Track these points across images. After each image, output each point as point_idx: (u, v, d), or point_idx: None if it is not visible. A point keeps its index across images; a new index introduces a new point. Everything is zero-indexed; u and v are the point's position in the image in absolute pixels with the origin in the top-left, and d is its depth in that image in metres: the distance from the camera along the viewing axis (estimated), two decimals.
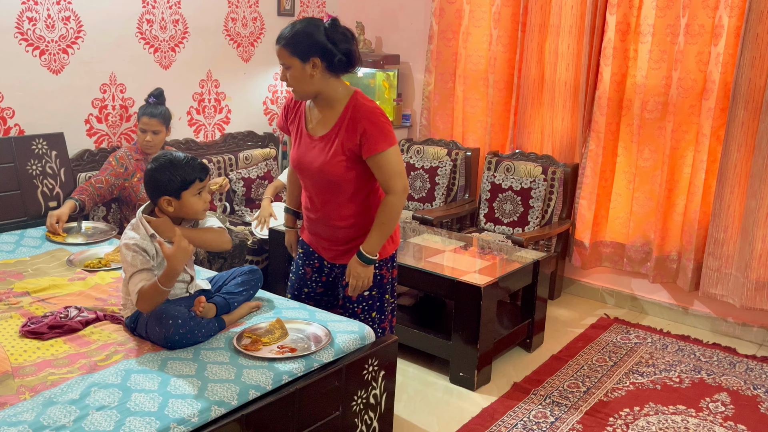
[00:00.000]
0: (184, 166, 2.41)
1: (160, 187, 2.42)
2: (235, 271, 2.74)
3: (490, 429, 2.91)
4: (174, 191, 2.41)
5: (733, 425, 3.01)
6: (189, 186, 2.41)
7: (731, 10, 3.61)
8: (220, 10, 4.53)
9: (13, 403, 1.99)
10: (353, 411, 2.45)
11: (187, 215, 2.48)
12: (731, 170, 3.70)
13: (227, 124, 4.75)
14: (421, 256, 3.48)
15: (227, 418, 2.03)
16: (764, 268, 3.64)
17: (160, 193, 2.42)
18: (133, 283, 2.35)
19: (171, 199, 2.42)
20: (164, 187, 2.41)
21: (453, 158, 4.66)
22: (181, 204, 2.43)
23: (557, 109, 4.31)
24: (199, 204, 2.46)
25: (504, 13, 4.39)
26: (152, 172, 2.42)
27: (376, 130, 2.45)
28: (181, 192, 2.41)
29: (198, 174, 2.43)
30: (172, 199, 2.42)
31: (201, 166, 2.46)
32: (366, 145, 2.45)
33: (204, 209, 2.50)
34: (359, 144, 2.46)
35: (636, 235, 4.17)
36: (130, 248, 2.37)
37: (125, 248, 2.38)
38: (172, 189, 2.41)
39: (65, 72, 3.82)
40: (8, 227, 3.51)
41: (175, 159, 2.43)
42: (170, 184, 2.40)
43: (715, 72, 3.72)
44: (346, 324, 2.58)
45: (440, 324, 3.41)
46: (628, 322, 4.08)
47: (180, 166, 2.41)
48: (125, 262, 2.39)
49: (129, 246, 2.37)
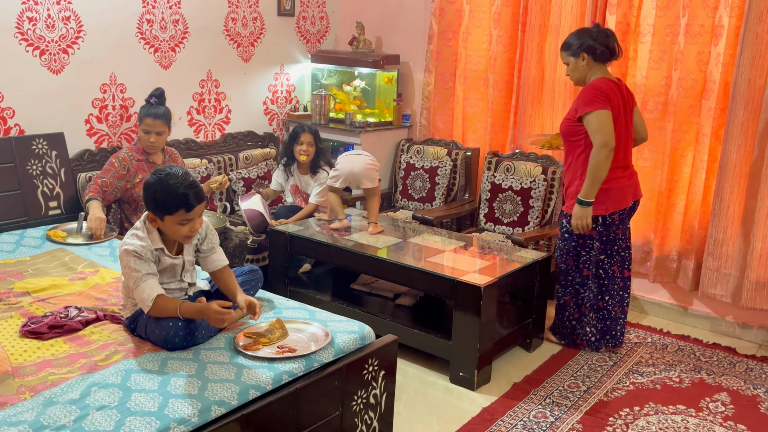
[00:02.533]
0: (174, 190, 2.32)
1: (147, 200, 2.39)
2: (235, 271, 2.74)
3: (490, 429, 2.91)
4: (157, 210, 2.37)
5: (733, 425, 3.01)
6: (172, 213, 2.34)
7: (731, 10, 3.61)
8: (220, 10, 4.53)
9: (13, 403, 2.00)
10: (353, 411, 2.45)
11: (170, 236, 2.42)
12: (731, 170, 3.70)
13: (227, 124, 4.75)
14: (421, 256, 3.48)
15: (227, 418, 2.03)
16: (764, 268, 3.64)
17: (147, 206, 2.41)
18: (145, 291, 2.32)
19: (154, 218, 2.39)
20: (150, 203, 2.38)
21: (453, 158, 4.66)
22: (164, 225, 2.39)
23: (557, 109, 4.30)
24: (181, 231, 2.37)
25: (504, 13, 4.39)
26: (147, 182, 2.39)
27: (581, 98, 3.27)
28: (164, 215, 2.36)
29: (183, 204, 2.33)
30: (155, 218, 2.39)
31: (194, 195, 2.34)
32: (573, 110, 3.32)
33: (186, 236, 2.40)
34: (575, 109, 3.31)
35: (636, 234, 4.17)
36: (130, 254, 2.35)
37: (125, 254, 2.36)
38: (156, 208, 2.37)
39: (65, 72, 3.82)
40: (8, 227, 3.51)
41: (170, 178, 2.34)
42: (154, 203, 2.36)
43: (715, 72, 3.72)
44: (346, 324, 2.58)
45: (440, 324, 3.41)
46: (628, 322, 4.08)
47: (170, 189, 2.32)
48: (127, 267, 2.37)
49: (129, 252, 2.36)
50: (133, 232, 2.43)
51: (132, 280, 2.36)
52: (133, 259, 2.35)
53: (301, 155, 4.13)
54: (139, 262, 2.35)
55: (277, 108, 5.08)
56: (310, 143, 4.15)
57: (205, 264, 2.57)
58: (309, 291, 3.85)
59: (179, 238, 2.42)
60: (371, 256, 3.49)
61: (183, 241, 2.46)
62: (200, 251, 2.57)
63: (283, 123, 5.14)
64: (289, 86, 5.13)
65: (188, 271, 2.56)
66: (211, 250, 2.57)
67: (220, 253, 2.59)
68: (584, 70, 3.34)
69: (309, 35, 5.17)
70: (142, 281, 2.34)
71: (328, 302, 3.69)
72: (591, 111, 3.21)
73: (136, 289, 2.35)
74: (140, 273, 2.35)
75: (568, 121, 3.35)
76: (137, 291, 2.35)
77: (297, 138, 4.15)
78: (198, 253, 2.57)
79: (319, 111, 4.92)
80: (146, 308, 2.35)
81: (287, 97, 5.14)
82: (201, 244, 2.56)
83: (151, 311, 2.34)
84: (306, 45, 5.16)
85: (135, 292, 2.36)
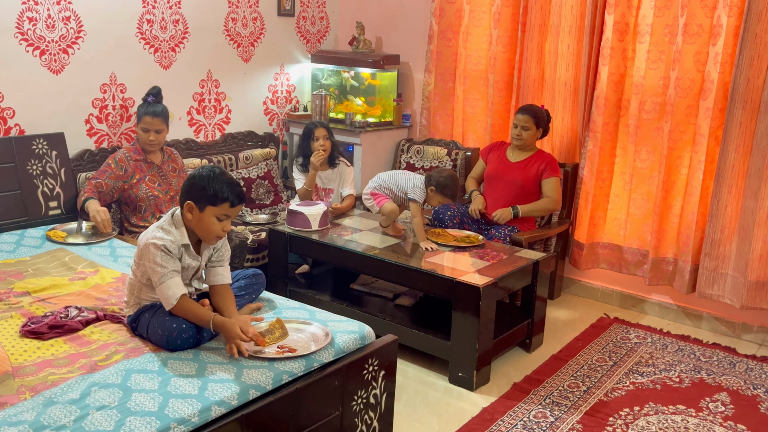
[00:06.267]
0: (226, 183, 2.37)
1: (192, 189, 2.38)
2: (239, 274, 2.74)
3: (490, 429, 2.92)
4: (201, 200, 2.37)
5: (733, 425, 3.02)
6: (218, 203, 2.36)
7: (730, 9, 3.61)
8: (220, 10, 4.53)
9: (13, 403, 2.00)
10: (353, 411, 2.45)
11: (200, 231, 2.42)
12: (729, 170, 3.69)
13: (227, 124, 4.75)
14: (421, 256, 3.49)
15: (227, 418, 2.04)
16: (764, 267, 3.64)
17: (189, 196, 2.39)
18: (171, 288, 2.32)
19: (194, 207, 2.38)
20: (195, 192, 2.37)
21: (453, 158, 4.66)
22: (201, 217, 2.38)
23: (557, 109, 4.31)
24: (215, 227, 2.39)
25: (504, 13, 4.39)
26: (196, 172, 2.41)
27: (552, 162, 4.10)
28: (207, 205, 2.37)
29: (231, 198, 2.37)
30: (195, 208, 2.38)
31: (239, 193, 2.40)
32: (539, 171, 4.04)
33: (216, 236, 2.42)
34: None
35: (633, 237, 4.17)
36: (159, 248, 2.34)
37: (153, 248, 2.34)
38: (201, 197, 2.37)
39: (65, 72, 3.83)
40: (8, 227, 3.51)
41: (223, 174, 2.40)
42: (202, 191, 2.36)
43: (713, 72, 3.72)
44: (346, 324, 2.58)
45: (440, 324, 3.41)
46: (628, 322, 4.08)
47: (222, 181, 2.37)
48: (153, 263, 2.34)
49: (158, 246, 2.34)
50: (159, 226, 2.42)
51: (157, 276, 2.34)
52: (161, 254, 2.34)
53: (320, 150, 4.12)
54: (166, 258, 2.35)
55: (277, 108, 5.08)
56: (326, 137, 4.15)
57: (209, 275, 2.55)
58: (309, 291, 3.85)
59: (211, 234, 2.40)
60: (371, 256, 3.49)
61: (211, 241, 2.44)
62: (210, 261, 2.56)
63: (283, 123, 5.14)
64: (289, 86, 5.14)
65: (198, 278, 2.56)
66: (220, 263, 2.55)
67: (227, 270, 2.57)
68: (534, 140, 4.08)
69: (309, 35, 5.17)
70: (168, 278, 2.34)
71: (328, 302, 3.69)
72: (558, 176, 4.05)
73: (161, 285, 2.34)
74: (167, 269, 2.34)
75: (534, 178, 4.04)
76: (162, 287, 2.34)
77: (312, 135, 4.14)
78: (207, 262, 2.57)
79: (319, 111, 4.92)
80: (169, 306, 2.34)
81: (287, 97, 5.14)
82: (214, 254, 2.55)
83: (174, 309, 2.34)
84: (306, 45, 5.16)
85: (159, 288, 2.35)
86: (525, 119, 4.01)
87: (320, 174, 4.24)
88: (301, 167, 4.23)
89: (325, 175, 4.26)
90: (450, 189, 3.61)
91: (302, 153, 4.22)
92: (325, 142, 4.13)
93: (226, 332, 2.31)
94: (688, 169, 3.91)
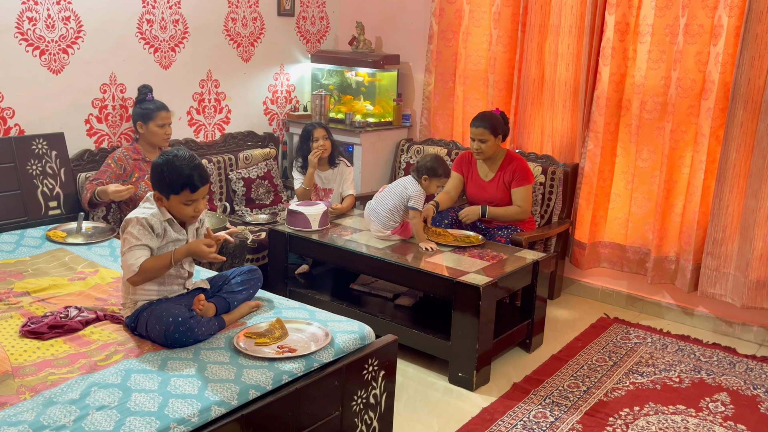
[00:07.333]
0: (180, 171, 2.39)
1: (153, 179, 2.44)
2: (234, 271, 2.75)
3: (490, 429, 2.91)
4: (163, 189, 2.42)
5: (733, 425, 3.01)
6: (178, 191, 2.41)
7: (730, 9, 3.61)
8: (220, 10, 4.53)
9: (13, 403, 2.00)
10: (353, 411, 2.45)
11: (175, 216, 2.48)
12: (730, 170, 3.69)
13: (227, 124, 4.75)
14: (421, 256, 3.48)
15: (227, 418, 2.04)
16: (764, 267, 3.64)
17: (154, 186, 2.45)
18: (132, 256, 2.35)
19: (160, 197, 2.44)
20: (155, 182, 2.43)
21: (453, 158, 4.66)
22: (169, 205, 2.45)
23: (557, 109, 4.31)
24: (186, 210, 2.45)
25: (504, 13, 4.39)
26: (154, 163, 2.45)
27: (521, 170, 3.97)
28: (170, 194, 2.42)
29: (188, 185, 2.40)
30: (161, 197, 2.44)
31: (199, 175, 2.41)
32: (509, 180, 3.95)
33: (191, 216, 2.48)
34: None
35: (634, 236, 4.17)
36: (139, 222, 2.38)
37: (134, 221, 2.39)
38: (162, 187, 2.42)
39: (65, 72, 3.82)
40: (8, 227, 3.51)
41: (177, 159, 2.41)
42: (161, 183, 2.41)
43: (714, 72, 3.72)
44: (346, 324, 2.58)
45: (440, 324, 3.41)
46: (628, 322, 4.08)
47: (176, 169, 2.39)
48: (128, 233, 2.39)
49: (139, 219, 2.38)
50: (144, 205, 2.47)
51: (127, 245, 2.38)
52: (139, 228, 2.38)
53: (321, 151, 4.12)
54: (143, 231, 2.38)
55: (277, 108, 5.08)
56: (325, 137, 4.15)
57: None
58: (308, 291, 3.85)
59: (184, 217, 2.48)
60: (371, 256, 3.49)
61: (187, 221, 2.52)
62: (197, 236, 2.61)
63: (283, 123, 5.14)
64: (289, 86, 5.13)
65: (188, 260, 2.58)
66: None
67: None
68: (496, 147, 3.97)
69: (309, 35, 5.17)
70: (137, 248, 2.37)
71: (328, 302, 3.69)
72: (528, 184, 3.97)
73: (128, 253, 2.37)
74: (139, 242, 2.37)
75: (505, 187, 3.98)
76: (127, 255, 2.37)
77: (311, 136, 4.15)
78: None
79: (319, 111, 4.92)
80: (130, 273, 2.36)
81: (287, 97, 5.14)
82: (200, 228, 2.63)
83: (137, 275, 2.36)
84: (306, 45, 5.16)
85: (124, 257, 2.38)
86: (480, 132, 3.89)
87: (320, 174, 4.24)
88: (300, 169, 4.23)
89: (325, 175, 4.26)
90: (441, 168, 3.63)
91: (301, 154, 4.21)
92: (324, 141, 4.13)
93: (194, 254, 2.43)
94: (690, 169, 3.91)
